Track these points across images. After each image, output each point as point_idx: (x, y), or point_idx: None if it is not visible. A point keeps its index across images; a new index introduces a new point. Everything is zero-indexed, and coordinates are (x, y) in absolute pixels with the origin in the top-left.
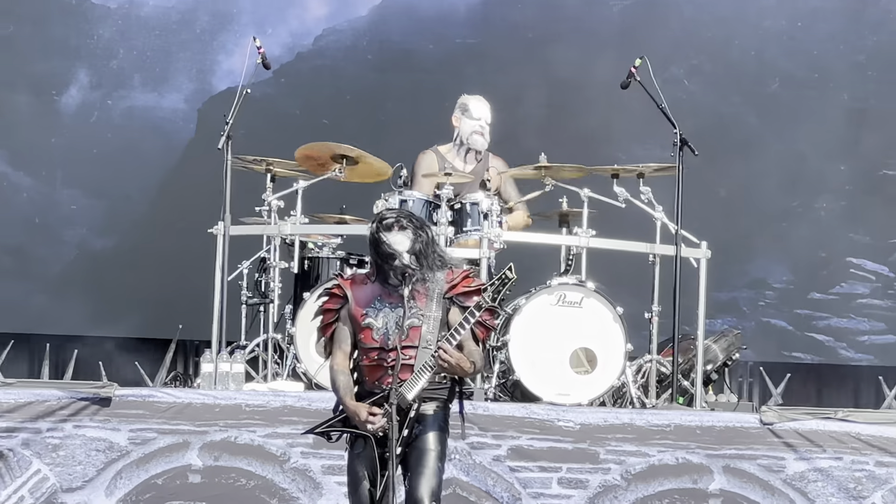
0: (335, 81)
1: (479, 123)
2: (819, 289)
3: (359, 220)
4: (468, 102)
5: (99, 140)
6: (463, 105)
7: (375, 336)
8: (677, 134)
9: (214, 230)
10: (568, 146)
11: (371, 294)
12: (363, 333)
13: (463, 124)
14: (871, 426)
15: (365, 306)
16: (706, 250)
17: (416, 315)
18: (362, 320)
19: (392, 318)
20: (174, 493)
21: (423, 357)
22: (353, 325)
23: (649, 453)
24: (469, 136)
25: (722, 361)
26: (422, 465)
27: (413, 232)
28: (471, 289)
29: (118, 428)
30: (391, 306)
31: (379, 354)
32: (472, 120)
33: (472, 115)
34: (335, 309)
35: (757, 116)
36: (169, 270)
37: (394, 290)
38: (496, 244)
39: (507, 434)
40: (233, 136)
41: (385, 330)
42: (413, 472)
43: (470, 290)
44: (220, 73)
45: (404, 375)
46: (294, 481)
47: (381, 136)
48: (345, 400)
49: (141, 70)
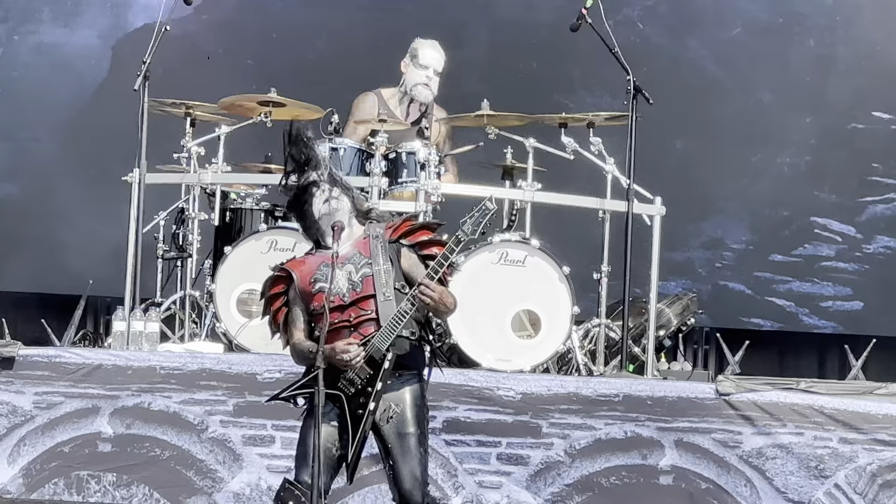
0: (261, 18)
1: (425, 74)
2: (781, 250)
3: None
4: (418, 49)
5: (4, 78)
6: (413, 50)
7: (331, 298)
8: (631, 81)
9: (129, 178)
10: (512, 92)
11: (314, 264)
12: (315, 300)
13: (409, 72)
14: (835, 398)
15: (312, 276)
16: (660, 207)
17: (365, 265)
18: (311, 288)
19: (342, 276)
20: (83, 462)
21: (385, 308)
22: (303, 300)
23: (596, 426)
24: (413, 86)
25: (676, 327)
26: (405, 454)
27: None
28: (415, 225)
29: (22, 391)
30: (339, 266)
31: (339, 315)
32: (418, 69)
33: (420, 63)
34: (282, 292)
35: (716, 63)
36: (79, 221)
37: (336, 251)
38: (433, 197)
39: (442, 404)
40: (150, 76)
41: (338, 288)
42: (396, 462)
43: (415, 229)
44: (137, 8)
45: (367, 330)
46: (212, 452)
47: (310, 77)
48: (308, 347)
49: (50, 3)
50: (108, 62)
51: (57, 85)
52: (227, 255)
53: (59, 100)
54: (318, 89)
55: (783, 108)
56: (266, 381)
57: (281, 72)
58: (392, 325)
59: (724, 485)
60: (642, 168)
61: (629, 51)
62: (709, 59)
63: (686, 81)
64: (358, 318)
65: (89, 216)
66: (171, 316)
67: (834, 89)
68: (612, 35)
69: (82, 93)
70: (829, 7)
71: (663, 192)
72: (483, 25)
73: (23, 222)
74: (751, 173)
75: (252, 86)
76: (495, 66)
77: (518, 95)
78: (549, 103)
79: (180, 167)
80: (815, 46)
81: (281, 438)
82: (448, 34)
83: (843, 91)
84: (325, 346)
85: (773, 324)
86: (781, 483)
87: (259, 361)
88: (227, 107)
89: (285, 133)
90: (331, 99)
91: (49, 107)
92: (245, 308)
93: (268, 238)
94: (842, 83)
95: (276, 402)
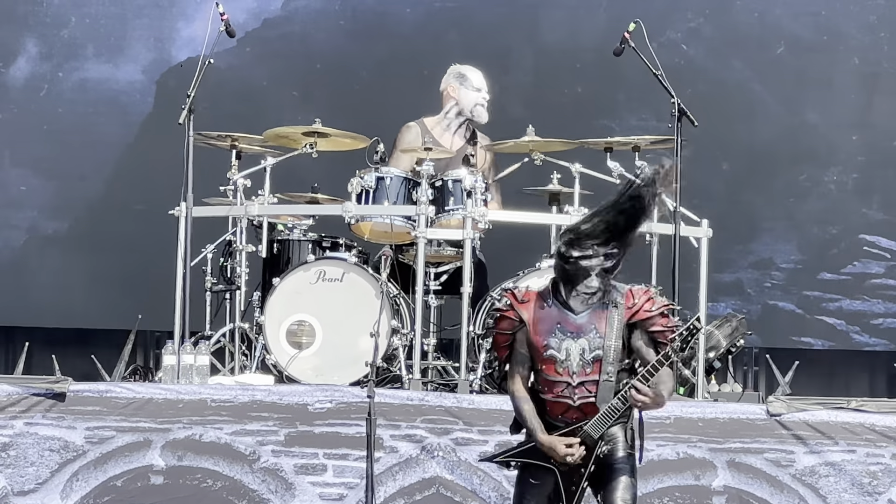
0: (305, 49)
1: (481, 95)
2: (829, 269)
3: (332, 199)
4: (466, 72)
5: (50, 115)
6: (460, 75)
7: (559, 369)
8: (675, 103)
9: (176, 212)
10: (557, 118)
11: (551, 321)
12: (545, 365)
13: (463, 96)
14: (886, 416)
15: (546, 335)
16: (707, 229)
17: (597, 342)
18: (544, 351)
19: (575, 350)
20: (135, 495)
21: (604, 390)
22: (531, 351)
23: (648, 447)
24: (473, 108)
25: (725, 348)
26: (616, 480)
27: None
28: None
29: (73, 426)
30: (572, 336)
31: (564, 390)
32: (473, 91)
33: (474, 86)
34: (508, 333)
35: (761, 83)
36: (127, 256)
37: (574, 316)
38: (480, 224)
39: (494, 429)
40: (195, 109)
41: (569, 363)
42: (606, 489)
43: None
44: (181, 42)
45: (587, 409)
46: (264, 482)
47: (355, 107)
48: (536, 434)
49: (94, 39)
50: (152, 97)
51: (102, 121)
52: (275, 286)
53: (105, 136)
54: (363, 119)
55: (829, 127)
56: (317, 411)
57: (325, 102)
58: (604, 418)
59: None
60: (689, 190)
61: (673, 73)
62: (753, 80)
63: (731, 102)
64: (580, 399)
65: (137, 251)
66: (220, 349)
67: (879, 106)
68: (655, 58)
69: (128, 128)
70: (872, 25)
71: (711, 213)
72: (527, 51)
73: (71, 258)
74: (798, 192)
75: (297, 117)
76: (540, 91)
77: (563, 120)
78: (594, 128)
79: (227, 200)
80: (859, 64)
81: (333, 467)
82: (492, 61)
83: (889, 108)
84: (546, 439)
85: (823, 342)
86: (835, 501)
87: (310, 392)
88: (272, 138)
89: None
90: (375, 129)
91: (95, 143)
92: (294, 339)
93: (316, 269)
94: (887, 100)
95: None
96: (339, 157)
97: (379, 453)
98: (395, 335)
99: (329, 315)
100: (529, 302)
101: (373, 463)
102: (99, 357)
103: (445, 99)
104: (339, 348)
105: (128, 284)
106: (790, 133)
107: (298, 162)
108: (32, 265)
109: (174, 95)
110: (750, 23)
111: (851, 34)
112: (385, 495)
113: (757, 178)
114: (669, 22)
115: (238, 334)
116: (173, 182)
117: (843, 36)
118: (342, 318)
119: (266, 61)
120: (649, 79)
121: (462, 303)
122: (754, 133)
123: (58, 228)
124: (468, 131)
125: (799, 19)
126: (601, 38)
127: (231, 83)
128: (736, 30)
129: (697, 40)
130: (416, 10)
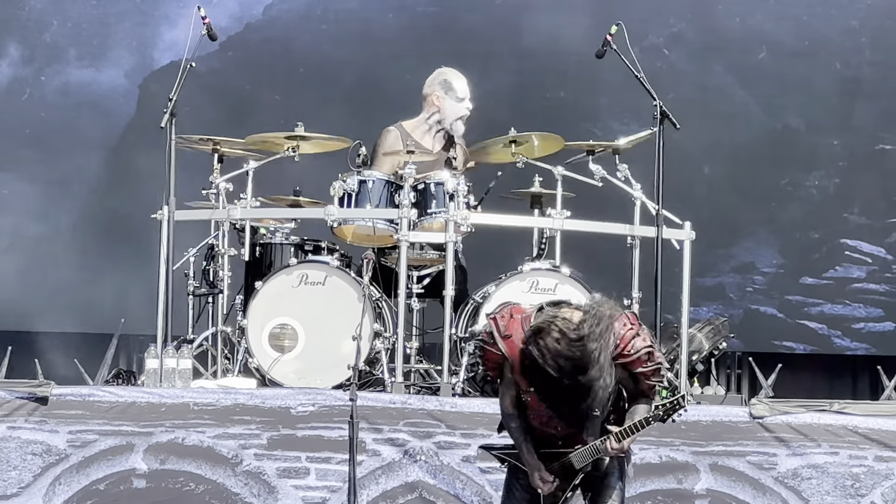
0: (287, 54)
1: (464, 106)
2: (811, 273)
3: (314, 202)
4: (451, 80)
5: (32, 119)
6: (445, 83)
7: (543, 411)
8: (657, 106)
9: (158, 215)
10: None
11: (533, 375)
12: (529, 397)
13: (447, 107)
14: (868, 418)
15: (527, 381)
16: (690, 232)
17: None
18: (525, 388)
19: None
20: (118, 499)
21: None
22: (516, 385)
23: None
24: (454, 122)
25: (708, 351)
26: (604, 486)
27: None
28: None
29: (56, 430)
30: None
31: (549, 421)
32: (457, 102)
33: (458, 96)
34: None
35: (742, 87)
36: (109, 259)
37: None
38: (463, 227)
39: (476, 432)
40: (177, 113)
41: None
42: (595, 493)
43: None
44: (163, 46)
45: (573, 441)
46: (247, 485)
47: (337, 112)
48: (523, 454)
49: (77, 43)
50: (135, 101)
51: (85, 125)
52: (257, 290)
53: (88, 140)
54: (345, 124)
55: (810, 132)
56: (300, 415)
57: (308, 107)
58: (589, 453)
59: None
60: (671, 193)
61: (655, 77)
62: (735, 84)
63: (713, 107)
64: (565, 433)
65: (120, 255)
66: (203, 352)
67: (861, 111)
68: (636, 61)
69: (110, 132)
70: (854, 30)
71: (692, 217)
72: (510, 56)
73: (53, 262)
74: (779, 197)
75: (279, 121)
76: (523, 95)
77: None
78: (576, 131)
79: (209, 203)
80: (840, 69)
81: (316, 470)
82: (475, 65)
83: (870, 113)
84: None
85: (805, 347)
86: (818, 503)
87: (292, 395)
88: (254, 142)
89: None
90: (358, 133)
91: (77, 147)
92: (277, 343)
93: (298, 272)
94: (868, 105)
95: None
96: (321, 160)
97: (361, 457)
98: (378, 338)
99: (311, 318)
100: (512, 337)
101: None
102: (82, 361)
103: (428, 104)
104: (321, 352)
105: (110, 288)
106: (772, 137)
107: (280, 166)
108: (15, 269)
109: (156, 99)
110: (731, 28)
111: (833, 39)
112: (367, 499)
113: (739, 183)
114: (651, 26)
115: (220, 338)
116: (156, 186)
117: (825, 40)
118: (324, 321)
119: (248, 65)
120: (632, 83)
121: (444, 306)
122: (736, 137)
123: (40, 232)
124: (447, 134)
125: (780, 24)
126: (584, 43)
127: (213, 87)
128: (718, 34)
129: (679, 45)
130: (398, 14)
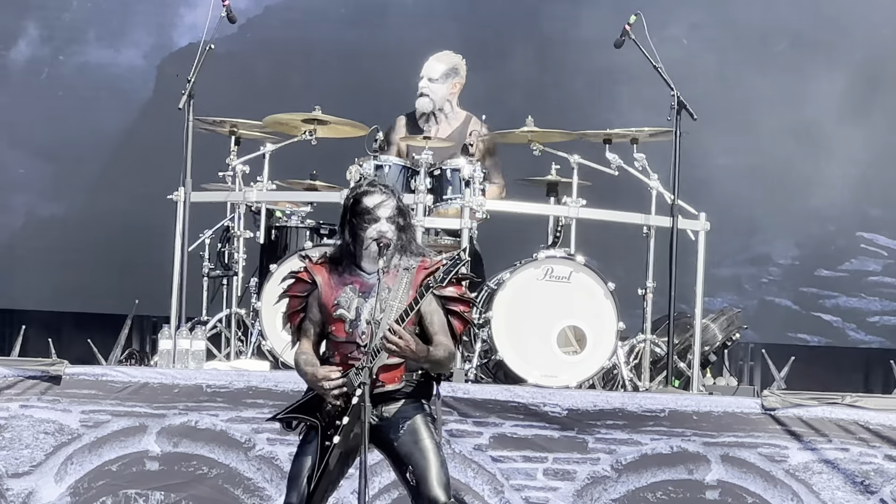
0: (306, 37)
1: (422, 83)
2: (827, 265)
3: (330, 186)
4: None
5: (49, 99)
6: None
7: (347, 329)
8: (675, 96)
9: (174, 197)
10: (557, 109)
11: (342, 281)
12: (334, 325)
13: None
14: (880, 414)
15: (336, 294)
16: (705, 222)
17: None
18: (333, 311)
19: (365, 310)
20: (130, 480)
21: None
22: (322, 313)
23: (642, 441)
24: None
25: (721, 342)
26: (424, 459)
27: (396, 204)
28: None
29: (69, 409)
30: (363, 295)
31: (353, 352)
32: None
33: (420, 74)
34: (302, 295)
35: (762, 78)
36: (124, 240)
37: (366, 275)
38: (478, 214)
39: (489, 420)
40: (195, 95)
41: (357, 323)
42: (417, 468)
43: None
44: (182, 28)
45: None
46: (260, 470)
47: (355, 95)
48: (305, 368)
49: (96, 23)
50: (153, 82)
51: (102, 105)
52: (272, 272)
53: (105, 120)
54: (363, 108)
55: (830, 123)
56: None
57: (326, 90)
58: (365, 363)
59: (771, 499)
60: (687, 184)
61: (674, 67)
62: (754, 74)
63: (731, 97)
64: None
65: (135, 235)
66: (217, 334)
67: (881, 103)
68: (655, 52)
69: (127, 112)
70: (875, 21)
71: (709, 207)
72: (528, 43)
73: (68, 242)
74: (797, 189)
75: (297, 104)
76: (540, 83)
77: (563, 112)
78: (594, 120)
79: (226, 185)
80: (862, 61)
81: None
82: (493, 52)
83: (891, 105)
84: (312, 369)
85: (819, 339)
86: (828, 497)
87: None
88: (271, 125)
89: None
90: (375, 118)
91: (94, 127)
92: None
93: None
94: (889, 97)
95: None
96: (338, 144)
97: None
98: None
99: None
100: (321, 266)
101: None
102: (95, 341)
103: None
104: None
105: (125, 269)
106: (790, 128)
107: (297, 149)
108: (30, 248)
109: (175, 81)
110: (751, 18)
111: (854, 30)
112: (380, 486)
113: (756, 173)
114: (671, 16)
115: (234, 320)
116: (172, 167)
117: (847, 32)
118: None
119: (267, 48)
120: (650, 72)
121: None
122: (754, 128)
123: (55, 212)
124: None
125: (802, 15)
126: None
127: (231, 69)
128: (737, 25)
129: (698, 34)
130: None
